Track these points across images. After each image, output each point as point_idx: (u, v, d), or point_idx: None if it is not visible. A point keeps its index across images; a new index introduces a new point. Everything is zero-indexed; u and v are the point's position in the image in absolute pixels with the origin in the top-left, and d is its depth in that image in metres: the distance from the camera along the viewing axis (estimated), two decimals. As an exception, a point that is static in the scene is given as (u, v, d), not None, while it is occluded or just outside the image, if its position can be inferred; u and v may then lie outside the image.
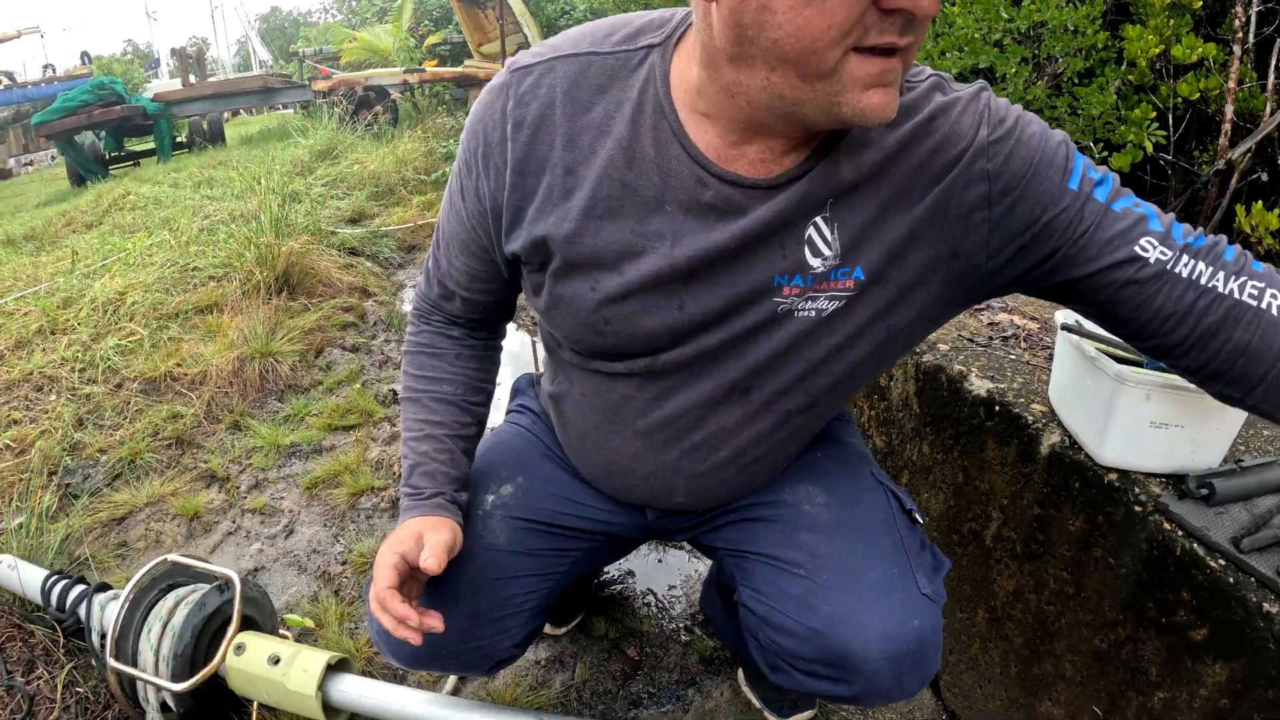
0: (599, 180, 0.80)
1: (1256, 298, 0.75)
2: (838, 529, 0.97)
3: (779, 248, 0.79)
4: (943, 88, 0.79)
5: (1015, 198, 0.76)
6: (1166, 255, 0.75)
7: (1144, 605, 1.01)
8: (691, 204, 0.79)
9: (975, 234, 0.78)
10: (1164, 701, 0.99)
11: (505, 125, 0.82)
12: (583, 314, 0.85)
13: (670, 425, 0.91)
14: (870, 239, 0.79)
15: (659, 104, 0.78)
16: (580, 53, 0.82)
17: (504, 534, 1.05)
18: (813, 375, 0.86)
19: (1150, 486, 1.02)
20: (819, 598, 0.93)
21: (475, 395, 1.06)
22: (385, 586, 0.86)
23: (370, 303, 3.53)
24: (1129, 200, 0.77)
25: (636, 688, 1.45)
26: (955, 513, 1.36)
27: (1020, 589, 1.23)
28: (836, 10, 0.61)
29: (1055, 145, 0.76)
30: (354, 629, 1.59)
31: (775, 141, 0.76)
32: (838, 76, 0.65)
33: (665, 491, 0.98)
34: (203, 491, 2.12)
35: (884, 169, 0.77)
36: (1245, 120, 4.01)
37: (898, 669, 0.90)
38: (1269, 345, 0.74)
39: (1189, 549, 0.95)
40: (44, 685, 1.45)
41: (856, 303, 0.81)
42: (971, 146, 0.76)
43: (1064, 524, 1.12)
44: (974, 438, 1.29)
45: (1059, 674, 1.16)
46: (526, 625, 1.08)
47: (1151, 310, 0.76)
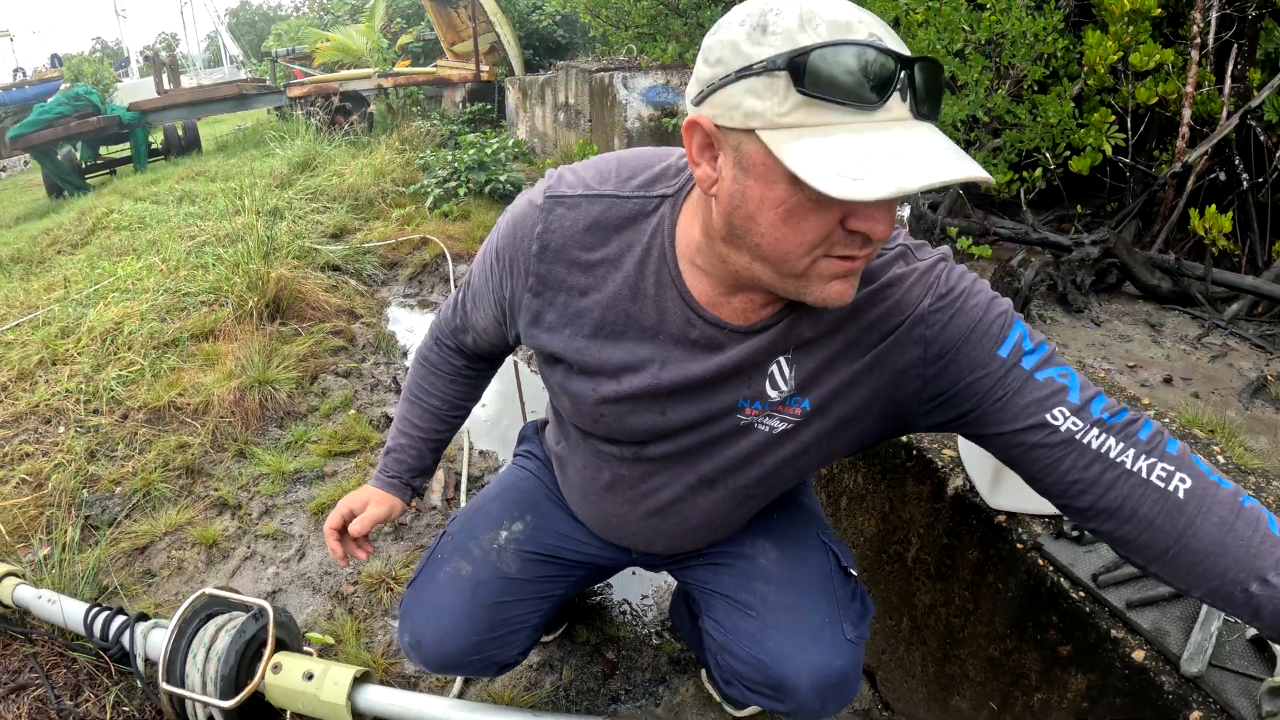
0: (608, 306, 0.96)
1: (1164, 480, 0.81)
2: (785, 582, 1.19)
3: (746, 379, 0.96)
4: (906, 257, 0.92)
5: (947, 360, 0.88)
6: (1077, 426, 0.82)
7: (1024, 624, 1.22)
8: (680, 338, 0.95)
9: (908, 387, 0.92)
10: (1041, 702, 1.19)
11: (533, 245, 0.98)
12: (584, 406, 1.04)
13: (653, 500, 1.11)
14: (820, 380, 0.94)
15: (663, 253, 0.93)
16: (605, 194, 0.96)
17: (515, 564, 1.27)
18: (769, 477, 1.05)
19: (1033, 527, 1.23)
20: (765, 637, 1.15)
21: (455, 412, 1.33)
22: (330, 527, 1.28)
23: (358, 325, 3.70)
24: (1056, 371, 0.86)
25: (615, 686, 1.67)
26: (884, 535, 1.58)
27: (934, 603, 1.44)
28: (808, 231, 0.75)
29: (994, 317, 0.87)
30: (369, 643, 1.80)
31: (756, 296, 0.91)
32: (807, 275, 0.79)
33: (647, 542, 1.20)
34: (217, 519, 2.30)
35: (839, 326, 0.92)
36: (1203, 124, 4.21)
37: (823, 697, 1.13)
38: (1172, 525, 0.80)
39: (1056, 582, 1.15)
40: (92, 707, 1.62)
41: (804, 426, 0.98)
42: (913, 314, 0.89)
43: (965, 553, 1.34)
44: (897, 475, 1.51)
45: (965, 675, 1.37)
46: (529, 638, 1.32)
47: (1058, 474, 0.84)
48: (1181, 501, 0.80)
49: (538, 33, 10.67)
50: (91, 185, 8.71)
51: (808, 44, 0.68)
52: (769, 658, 1.14)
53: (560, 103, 7.19)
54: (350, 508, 1.29)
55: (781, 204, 0.74)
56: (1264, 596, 0.76)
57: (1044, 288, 4.21)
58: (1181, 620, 1.06)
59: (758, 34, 0.71)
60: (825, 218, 0.74)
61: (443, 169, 5.86)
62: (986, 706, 1.32)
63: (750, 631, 1.17)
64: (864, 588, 1.26)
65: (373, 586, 1.96)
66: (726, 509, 1.11)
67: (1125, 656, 1.03)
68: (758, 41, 0.70)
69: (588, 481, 1.18)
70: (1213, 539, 0.79)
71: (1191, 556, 0.80)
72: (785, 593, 1.18)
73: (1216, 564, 0.79)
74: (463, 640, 1.24)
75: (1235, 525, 0.79)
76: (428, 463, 1.34)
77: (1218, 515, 0.79)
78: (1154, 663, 1.02)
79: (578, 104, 6.62)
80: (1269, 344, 3.55)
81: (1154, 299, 4.12)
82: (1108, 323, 3.99)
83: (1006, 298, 0.91)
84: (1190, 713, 0.95)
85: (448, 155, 6.17)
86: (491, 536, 1.29)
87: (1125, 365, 3.49)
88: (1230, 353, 3.53)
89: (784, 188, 0.73)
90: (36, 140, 8.26)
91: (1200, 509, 0.80)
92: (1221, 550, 0.79)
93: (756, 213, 0.76)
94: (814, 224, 0.74)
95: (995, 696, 1.30)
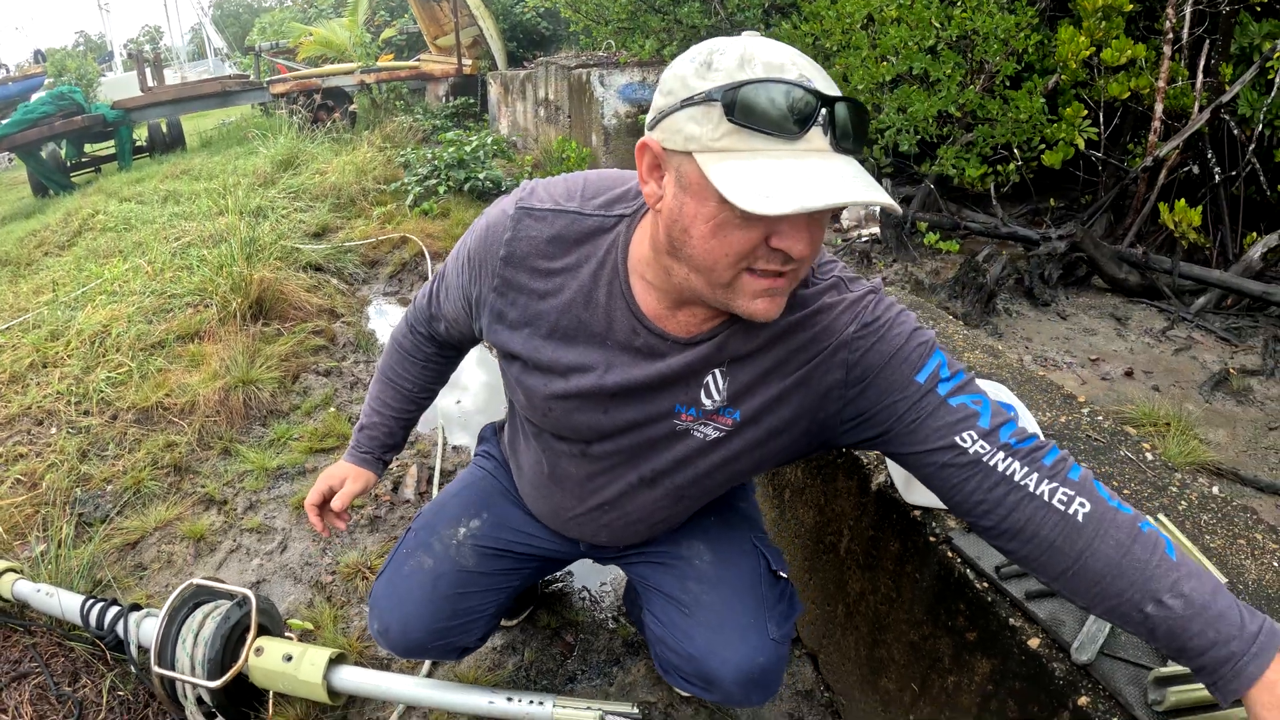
0: (563, 311, 1.06)
1: (1065, 504, 0.87)
2: (716, 582, 1.30)
3: (684, 387, 1.05)
4: (839, 288, 1.01)
5: (867, 384, 0.97)
6: (985, 450, 0.90)
7: (938, 612, 1.29)
8: (626, 345, 1.04)
9: (831, 406, 1.01)
10: (954, 684, 1.27)
11: (501, 250, 1.07)
12: (535, 401, 1.14)
13: (598, 495, 1.23)
14: (750, 393, 1.04)
15: (615, 266, 1.03)
16: (569, 210, 1.06)
17: (473, 559, 1.40)
18: (702, 479, 1.15)
19: (946, 521, 1.31)
20: (696, 633, 1.27)
21: (424, 393, 1.46)
22: (310, 503, 1.42)
23: (339, 324, 3.82)
24: (969, 398, 0.94)
25: (572, 666, 1.81)
26: (820, 526, 1.69)
27: (864, 591, 1.54)
28: (734, 244, 0.84)
29: (914, 346, 0.96)
30: (345, 628, 1.93)
31: (698, 311, 1.00)
32: (734, 287, 0.88)
33: (592, 534, 1.32)
34: (204, 514, 2.42)
35: (770, 345, 1.01)
36: (1176, 118, 4.30)
37: (746, 690, 1.26)
38: (1071, 546, 0.86)
39: (963, 573, 1.22)
40: (89, 692, 1.74)
41: (735, 435, 1.07)
42: (838, 340, 0.98)
43: (888, 545, 1.43)
44: (830, 470, 1.63)
45: (891, 658, 1.46)
46: (487, 625, 1.45)
47: (965, 493, 0.92)
48: (1080, 525, 0.86)
49: (522, 25, 10.72)
50: (76, 183, 8.77)
51: (741, 79, 0.78)
52: (698, 652, 1.26)
53: (540, 98, 7.26)
54: (329, 484, 1.43)
55: (712, 219, 0.83)
56: (1159, 617, 0.83)
57: (1011, 281, 4.34)
58: (1078, 611, 1.10)
59: (703, 70, 0.81)
60: (749, 234, 0.83)
61: (423, 166, 5.95)
62: (909, 688, 1.40)
63: (683, 627, 1.29)
64: (793, 588, 1.37)
65: (350, 576, 2.09)
66: (664, 507, 1.22)
67: (1022, 644, 1.09)
68: (702, 76, 0.81)
69: (539, 476, 1.30)
70: (1109, 561, 0.85)
71: (1090, 577, 0.86)
72: (716, 593, 1.29)
73: (1113, 585, 0.85)
74: (425, 628, 1.37)
75: (1132, 549, 0.85)
76: (398, 439, 1.48)
77: (1114, 539, 0.86)
78: (1048, 650, 1.07)
79: (557, 99, 6.70)
80: (1235, 337, 3.68)
81: (1122, 292, 4.23)
82: (1073, 316, 4.11)
83: (932, 330, 1.01)
84: (1079, 698, 1.00)
85: (428, 153, 6.26)
86: (451, 533, 1.41)
87: (1088, 359, 3.62)
88: (1195, 345, 3.66)
89: (714, 204, 0.82)
90: (21, 140, 8.31)
91: (1098, 532, 0.86)
92: (1118, 572, 0.85)
93: (690, 226, 0.85)
94: (739, 238, 0.83)
95: (916, 678, 1.38)
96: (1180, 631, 0.82)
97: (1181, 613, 0.82)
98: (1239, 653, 0.80)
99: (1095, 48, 4.28)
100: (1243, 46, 4.03)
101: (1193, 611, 0.82)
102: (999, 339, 3.83)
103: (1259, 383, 3.26)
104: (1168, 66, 4.17)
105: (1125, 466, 1.45)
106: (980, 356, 1.86)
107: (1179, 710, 0.94)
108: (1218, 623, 0.82)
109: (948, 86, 4.63)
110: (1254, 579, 1.17)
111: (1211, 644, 0.81)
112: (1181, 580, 0.84)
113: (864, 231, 5.03)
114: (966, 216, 5.14)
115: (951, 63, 4.68)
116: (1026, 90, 4.49)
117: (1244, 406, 3.14)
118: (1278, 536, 1.28)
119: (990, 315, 4.03)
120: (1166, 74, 4.16)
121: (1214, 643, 0.81)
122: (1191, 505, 1.35)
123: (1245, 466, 2.67)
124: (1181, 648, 0.83)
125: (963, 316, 3.92)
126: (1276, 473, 2.66)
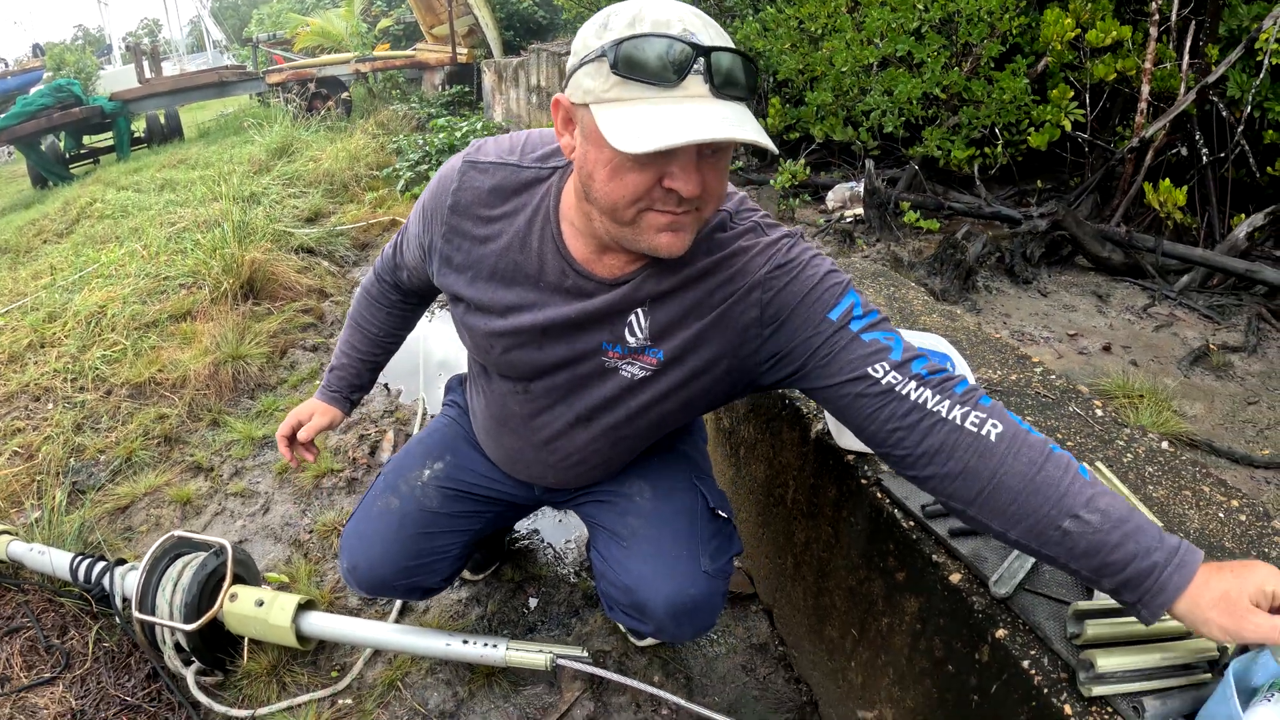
0: (500, 255, 1.14)
1: (977, 426, 0.90)
2: (653, 516, 1.37)
3: (609, 325, 1.12)
4: (756, 231, 1.08)
5: (782, 322, 1.03)
6: (897, 380, 0.94)
7: (871, 554, 1.32)
8: (557, 286, 1.12)
9: (749, 345, 1.07)
10: (888, 625, 1.29)
11: (448, 199, 1.17)
12: (478, 338, 1.22)
13: (541, 434, 1.30)
14: (672, 333, 1.10)
15: (548, 214, 1.11)
16: (509, 163, 1.15)
17: (436, 499, 1.48)
18: (634, 418, 1.21)
19: (880, 465, 1.34)
20: (632, 564, 1.35)
21: (389, 339, 1.56)
22: (281, 435, 1.52)
23: (327, 303, 3.91)
24: (882, 334, 0.98)
25: (533, 618, 1.89)
26: (770, 479, 1.75)
27: (809, 540, 1.58)
28: (629, 187, 0.91)
29: (827, 286, 1.02)
30: (320, 581, 2.02)
31: (622, 255, 1.07)
32: (636, 225, 0.96)
33: (540, 476, 1.40)
34: (191, 481, 2.51)
35: (688, 285, 1.07)
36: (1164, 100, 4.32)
37: (678, 620, 1.33)
38: (985, 465, 0.89)
39: (891, 514, 1.25)
40: (76, 644, 1.82)
41: (660, 375, 1.14)
42: (752, 280, 1.04)
43: (826, 491, 1.47)
44: (776, 423, 1.69)
45: (833, 605, 1.50)
46: (450, 567, 1.53)
47: (879, 422, 0.96)
48: (993, 444, 0.89)
49: (518, 14, 10.75)
50: (75, 175, 8.87)
51: (627, 35, 0.86)
52: (632, 582, 1.34)
53: (532, 85, 7.32)
54: (299, 418, 1.53)
55: (609, 163, 0.91)
56: (1078, 533, 0.85)
57: (993, 260, 4.38)
58: (1001, 548, 1.12)
59: (600, 30, 0.89)
60: (643, 176, 0.90)
61: (415, 153, 6.03)
62: (850, 633, 1.44)
63: (620, 559, 1.37)
64: (733, 528, 1.44)
65: (325, 534, 2.18)
66: (601, 448, 1.30)
67: (945, 579, 1.11)
68: (599, 36, 0.89)
69: (490, 418, 1.38)
70: (1023, 478, 0.88)
71: (1005, 495, 0.88)
72: (652, 526, 1.36)
73: (1029, 502, 0.87)
74: (391, 565, 1.45)
75: (1045, 466, 0.88)
76: (364, 380, 1.58)
77: (1027, 457, 0.88)
78: (969, 584, 1.09)
79: (549, 86, 6.76)
80: (1218, 315, 3.71)
81: (1105, 271, 4.27)
82: (1054, 293, 4.15)
83: (846, 273, 1.05)
84: (997, 630, 1.01)
85: (419, 139, 6.33)
86: (416, 475, 1.49)
87: (1066, 334, 3.67)
88: (1176, 323, 3.69)
89: (609, 150, 0.89)
90: (20, 132, 8.40)
91: (1011, 451, 0.89)
92: (1033, 489, 0.87)
93: (594, 171, 0.93)
94: (634, 180, 0.91)
95: (855, 624, 1.41)
96: (1101, 545, 0.84)
97: (1100, 526, 0.84)
98: (1162, 563, 0.81)
99: (1080, 29, 4.31)
100: (1231, 29, 4.05)
101: (1110, 524, 0.84)
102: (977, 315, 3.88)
103: (1240, 359, 3.28)
104: (1154, 48, 4.19)
105: (1073, 422, 1.46)
106: (939, 320, 1.92)
107: (1097, 643, 0.94)
108: (1137, 535, 0.83)
109: (932, 68, 4.67)
110: (1196, 527, 1.18)
111: (1133, 556, 0.82)
112: (1097, 496, 0.86)
113: (847, 212, 5.08)
114: (951, 198, 5.18)
115: (936, 45, 4.72)
116: (1010, 71, 4.53)
117: (1223, 382, 3.17)
118: (1226, 489, 1.28)
119: (969, 292, 4.07)
120: (1153, 56, 4.18)
121: (1135, 554, 0.82)
122: (1138, 458, 1.35)
123: (1220, 439, 2.71)
124: (1103, 563, 0.84)
125: (940, 293, 3.97)
126: (1252, 445, 2.70)
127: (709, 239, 1.07)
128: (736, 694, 1.69)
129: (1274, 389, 3.03)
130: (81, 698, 1.69)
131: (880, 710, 1.36)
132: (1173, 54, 4.23)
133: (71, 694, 1.70)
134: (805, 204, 5.44)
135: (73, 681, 1.73)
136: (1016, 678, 0.98)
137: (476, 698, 1.67)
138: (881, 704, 1.35)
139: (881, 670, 1.34)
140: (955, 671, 1.12)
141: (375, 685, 1.71)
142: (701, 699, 1.63)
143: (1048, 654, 0.98)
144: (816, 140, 5.67)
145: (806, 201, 5.48)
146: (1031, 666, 0.97)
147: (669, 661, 1.75)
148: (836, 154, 6.23)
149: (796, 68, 5.37)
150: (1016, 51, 4.81)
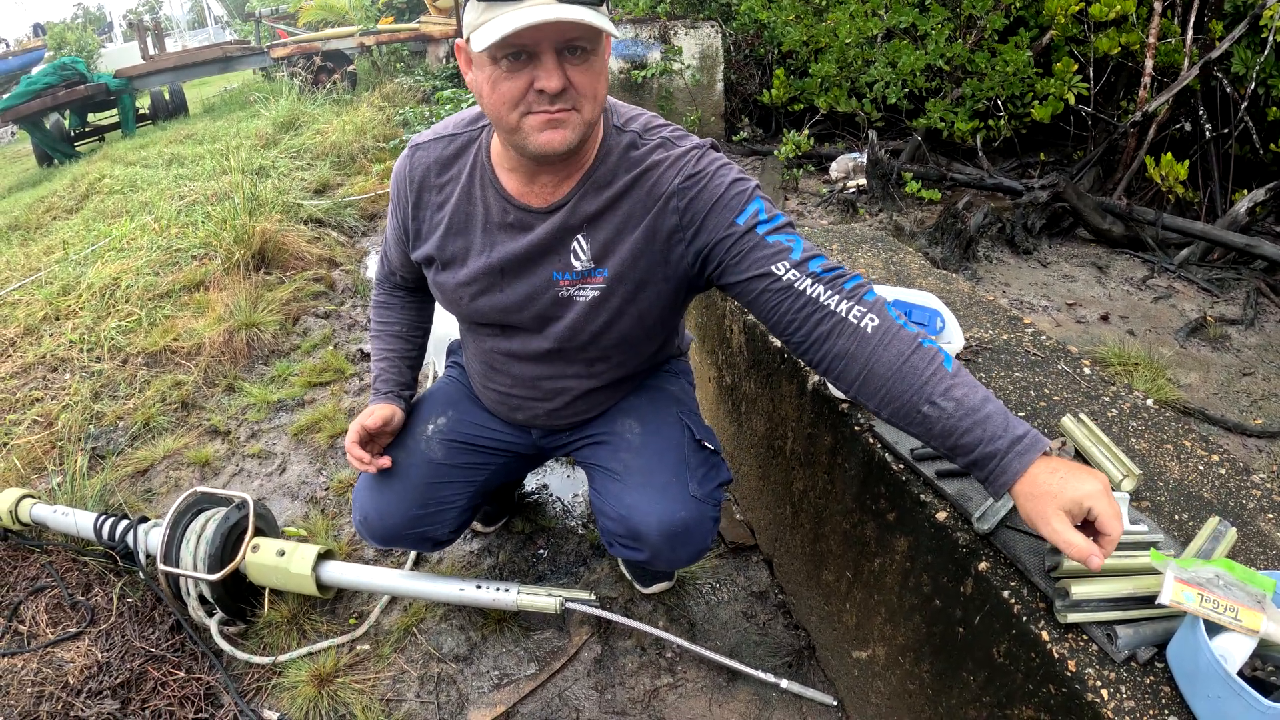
0: (453, 211, 1.28)
1: (858, 319, 1.04)
2: (643, 449, 1.46)
3: (555, 253, 1.23)
4: (665, 145, 1.20)
5: (698, 227, 1.16)
6: (796, 277, 1.07)
7: (864, 498, 1.37)
8: (501, 224, 1.25)
9: (676, 250, 1.19)
10: (881, 565, 1.34)
11: (406, 181, 1.33)
12: (449, 292, 1.35)
13: (522, 378, 1.41)
14: (611, 251, 1.21)
15: (482, 162, 1.25)
16: (447, 134, 1.31)
17: (441, 451, 1.55)
18: (596, 341, 1.31)
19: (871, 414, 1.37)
20: (625, 495, 1.43)
21: (414, 331, 1.64)
22: (351, 442, 1.48)
23: (338, 272, 3.96)
24: (784, 236, 1.11)
25: (542, 567, 1.97)
26: (770, 431, 1.81)
27: (806, 489, 1.63)
28: (506, 93, 1.04)
29: (734, 194, 1.14)
30: (337, 534, 2.09)
31: (548, 179, 1.20)
32: (521, 129, 1.07)
33: (532, 417, 1.49)
34: (209, 444, 2.58)
35: (616, 203, 1.19)
36: (1168, 75, 4.32)
37: (672, 544, 1.41)
38: (860, 352, 1.03)
39: (882, 458, 1.30)
40: (100, 600, 1.89)
41: (610, 294, 1.24)
42: (667, 190, 1.16)
43: (822, 440, 1.52)
44: (776, 377, 1.74)
45: (829, 550, 1.55)
46: (458, 518, 1.60)
47: (780, 314, 1.09)
48: (868, 335, 1.02)
49: (522, -14, 10.64)
50: (81, 152, 8.88)
51: None
52: (626, 510, 1.41)
53: (536, 57, 7.29)
54: (361, 423, 1.48)
55: (489, 79, 1.05)
56: (934, 417, 0.98)
57: (994, 230, 4.40)
58: (984, 490, 1.12)
59: None
60: (515, 82, 1.03)
61: (421, 124, 6.04)
62: (844, 577, 1.49)
63: (615, 492, 1.44)
64: (720, 460, 1.52)
65: (342, 490, 2.25)
66: (576, 379, 1.40)
67: (932, 518, 1.16)
68: None
69: (480, 368, 1.49)
70: (891, 366, 1.01)
71: (876, 381, 1.02)
72: (640, 458, 1.45)
73: (895, 388, 1.00)
74: (401, 515, 1.52)
75: (911, 358, 1.00)
76: (407, 379, 1.62)
77: (896, 349, 1.01)
78: (954, 521, 1.13)
79: (552, 58, 6.74)
80: (1217, 288, 3.74)
81: (1106, 243, 4.29)
82: (1054, 264, 4.18)
83: (754, 180, 1.17)
84: (979, 563, 1.06)
85: (425, 111, 6.34)
86: (421, 429, 1.56)
87: (1065, 303, 3.70)
88: (1175, 295, 3.73)
89: (489, 66, 1.04)
90: (25, 111, 8.40)
91: (882, 342, 1.02)
92: (899, 377, 1.00)
93: (482, 89, 1.07)
94: (508, 87, 1.04)
95: (849, 566, 1.46)
96: (953, 429, 0.96)
97: (953, 413, 0.96)
98: (1003, 450, 0.93)
99: (1085, 3, 4.29)
100: (1236, 5, 4.04)
101: (963, 412, 0.95)
102: (976, 283, 3.91)
103: (1238, 331, 3.31)
104: (1158, 23, 4.18)
105: (1060, 379, 1.50)
106: (934, 283, 1.95)
107: (1074, 574, 0.98)
108: (986, 423, 0.94)
109: (936, 40, 4.67)
110: (1176, 478, 1.22)
111: (979, 441, 0.94)
112: (955, 387, 0.97)
113: (851, 183, 5.10)
114: (954, 169, 5.19)
115: (940, 17, 4.71)
116: (1014, 44, 4.52)
117: (1219, 353, 3.21)
118: (1207, 444, 1.31)
119: (969, 261, 4.11)
120: (1157, 30, 4.17)
121: (980, 440, 0.94)
122: (1122, 413, 1.39)
123: (1214, 408, 2.76)
124: (954, 445, 0.96)
125: (941, 261, 4.00)
126: (1246, 415, 2.74)
127: (624, 158, 1.19)
128: (737, 639, 1.76)
129: (1270, 361, 3.08)
130: (107, 650, 1.76)
131: (873, 649, 1.42)
132: (1177, 29, 4.22)
133: (97, 647, 1.76)
134: (809, 174, 5.46)
135: (98, 636, 1.79)
136: (998, 608, 1.03)
137: (489, 641, 1.75)
138: (874, 643, 1.41)
139: (874, 610, 1.40)
140: (942, 606, 1.17)
141: (391, 632, 1.78)
142: (704, 643, 1.70)
143: (1027, 585, 1.02)
144: (821, 111, 5.69)
145: (810, 172, 5.51)
146: (1011, 597, 1.01)
147: (673, 608, 1.82)
148: (840, 125, 6.24)
149: (801, 39, 5.37)
150: (1020, 24, 4.81)
